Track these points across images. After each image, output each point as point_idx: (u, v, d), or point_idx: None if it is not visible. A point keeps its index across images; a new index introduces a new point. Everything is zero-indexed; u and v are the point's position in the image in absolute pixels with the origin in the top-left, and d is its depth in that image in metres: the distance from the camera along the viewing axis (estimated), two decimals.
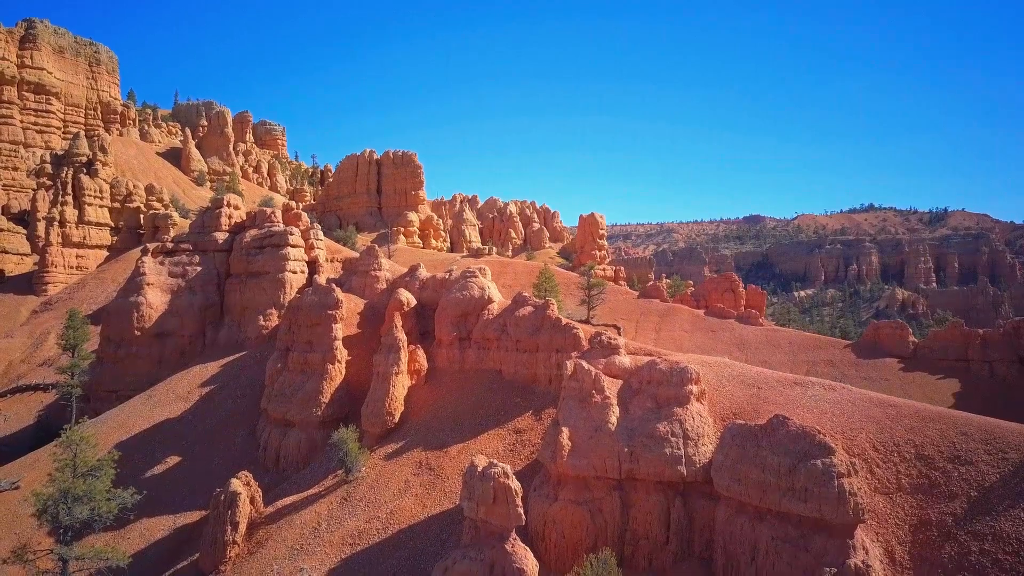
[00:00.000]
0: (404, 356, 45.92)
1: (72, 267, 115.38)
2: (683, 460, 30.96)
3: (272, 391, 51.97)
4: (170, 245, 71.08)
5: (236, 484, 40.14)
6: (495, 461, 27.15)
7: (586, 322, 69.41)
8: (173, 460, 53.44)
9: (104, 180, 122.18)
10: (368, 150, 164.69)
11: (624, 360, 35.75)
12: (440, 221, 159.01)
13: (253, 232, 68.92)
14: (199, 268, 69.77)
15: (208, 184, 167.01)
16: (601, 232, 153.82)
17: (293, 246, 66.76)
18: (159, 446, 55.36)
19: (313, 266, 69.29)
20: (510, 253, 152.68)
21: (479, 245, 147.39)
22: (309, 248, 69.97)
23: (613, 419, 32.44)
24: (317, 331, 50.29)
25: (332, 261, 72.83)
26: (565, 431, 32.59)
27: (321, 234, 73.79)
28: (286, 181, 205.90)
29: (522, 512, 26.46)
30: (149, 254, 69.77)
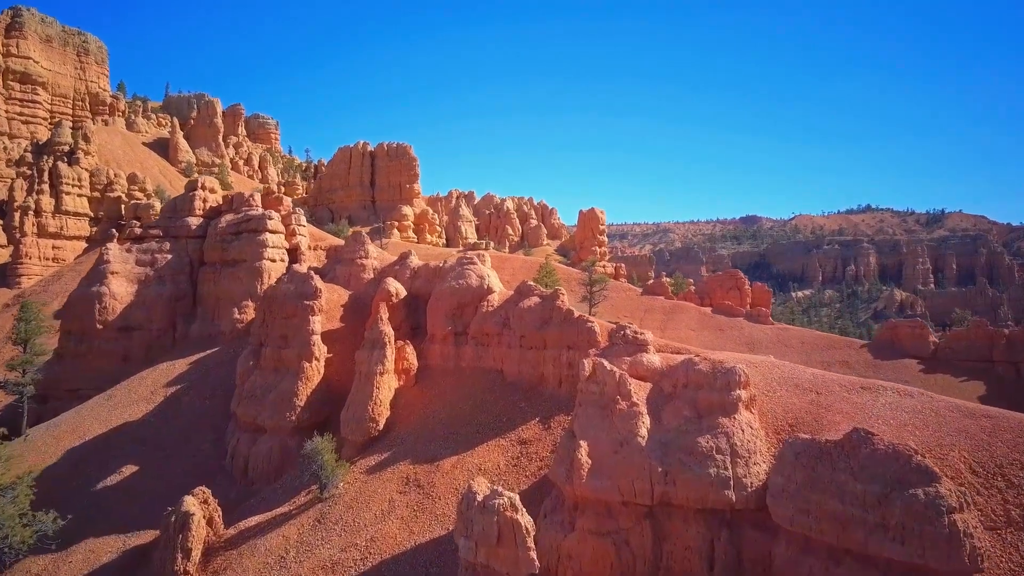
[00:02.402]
0: (390, 353, 39.77)
1: (48, 259, 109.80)
2: (731, 482, 25.00)
3: (243, 392, 45.83)
4: (138, 231, 64.74)
5: (189, 503, 33.98)
6: (499, 489, 21.12)
7: None
8: (129, 469, 47.14)
9: (84, 168, 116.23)
10: (362, 142, 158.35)
11: (653, 359, 29.76)
12: (435, 216, 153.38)
13: (229, 217, 62.68)
14: (169, 256, 63.40)
15: (196, 175, 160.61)
16: (601, 228, 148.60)
17: (272, 231, 60.48)
18: (115, 453, 49.10)
19: (294, 254, 63.09)
20: (507, 250, 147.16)
21: (475, 241, 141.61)
22: (290, 234, 63.73)
23: (643, 431, 26.46)
24: (293, 324, 44.13)
25: (316, 249, 66.62)
26: (583, 445, 26.60)
27: (304, 219, 67.62)
28: (278, 174, 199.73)
29: (535, 556, 20.46)
30: (115, 240, 63.46)
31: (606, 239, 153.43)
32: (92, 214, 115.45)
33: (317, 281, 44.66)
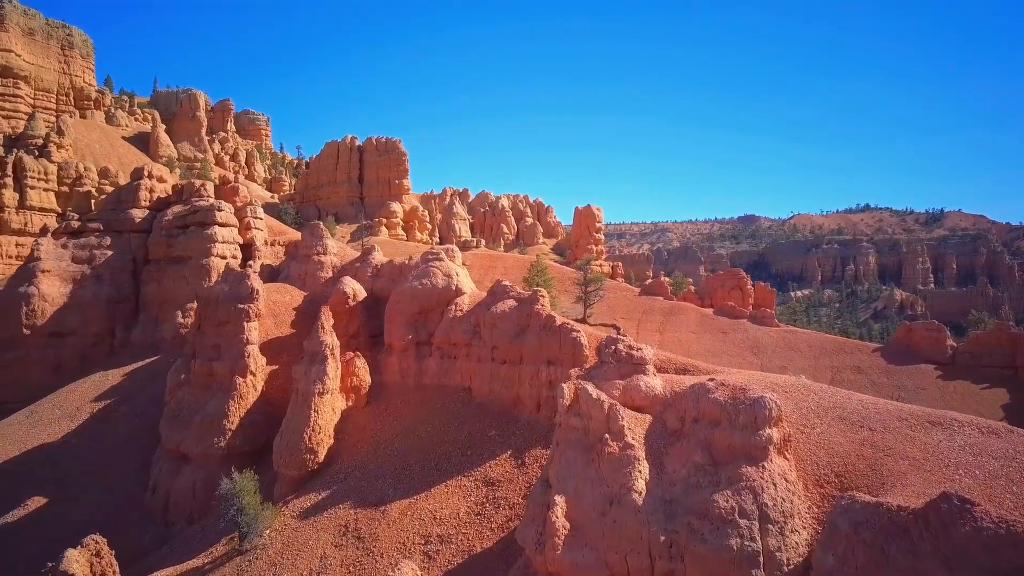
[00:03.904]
0: (334, 368, 32.86)
1: (11, 256, 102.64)
2: (760, 559, 18.12)
3: (169, 411, 38.97)
4: (76, 224, 57.77)
5: (71, 559, 26.85)
6: None
7: (583, 321, 57.48)
8: (37, 502, 40.21)
9: (51, 162, 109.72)
10: (350, 136, 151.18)
11: (653, 383, 22.86)
12: (426, 212, 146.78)
13: (176, 208, 55.82)
14: (110, 252, 56.46)
15: (178, 171, 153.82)
16: (598, 225, 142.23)
17: (222, 225, 53.56)
18: (26, 481, 42.15)
19: (249, 250, 56.15)
20: (502, 248, 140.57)
21: (468, 239, 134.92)
22: (245, 228, 56.75)
23: (640, 483, 19.59)
24: (226, 332, 37.22)
25: (274, 244, 59.58)
26: (559, 502, 19.76)
27: (261, 212, 60.60)
28: (265, 171, 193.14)
29: None
30: (49, 235, 56.57)
31: (603, 237, 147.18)
32: (60, 210, 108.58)
33: (254, 280, 37.69)
